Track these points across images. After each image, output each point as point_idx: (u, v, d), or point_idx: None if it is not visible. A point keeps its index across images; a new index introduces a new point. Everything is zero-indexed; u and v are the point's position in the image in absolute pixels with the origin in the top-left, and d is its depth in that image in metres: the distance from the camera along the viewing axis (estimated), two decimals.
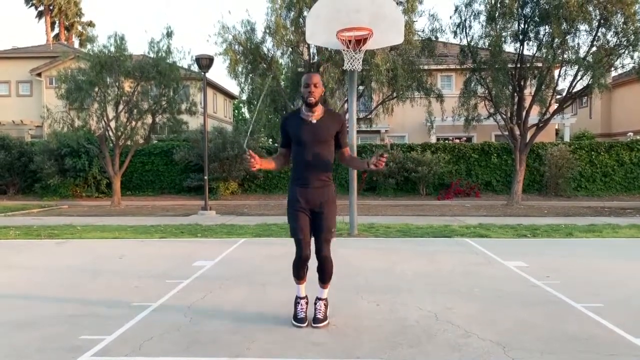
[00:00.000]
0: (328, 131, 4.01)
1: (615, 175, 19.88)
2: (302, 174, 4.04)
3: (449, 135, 23.96)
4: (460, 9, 16.01)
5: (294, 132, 4.04)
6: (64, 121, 16.36)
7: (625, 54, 15.05)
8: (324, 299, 4.27)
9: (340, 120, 4.10)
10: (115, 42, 16.08)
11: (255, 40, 15.88)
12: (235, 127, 21.53)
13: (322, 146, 4.00)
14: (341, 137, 4.11)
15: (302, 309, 4.24)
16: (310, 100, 3.96)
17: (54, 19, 44.29)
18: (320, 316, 4.17)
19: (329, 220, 4.06)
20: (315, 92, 3.96)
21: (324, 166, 4.02)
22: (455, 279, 5.87)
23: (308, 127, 4.00)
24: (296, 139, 4.02)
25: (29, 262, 7.07)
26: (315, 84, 3.96)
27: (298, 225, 4.02)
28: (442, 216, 13.27)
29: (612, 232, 9.67)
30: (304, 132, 3.99)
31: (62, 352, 3.63)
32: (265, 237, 9.27)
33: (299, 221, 4.02)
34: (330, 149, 4.07)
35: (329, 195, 4.08)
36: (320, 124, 4.02)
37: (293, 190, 4.10)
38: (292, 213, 4.08)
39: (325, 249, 4.06)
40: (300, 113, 4.09)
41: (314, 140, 3.97)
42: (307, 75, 4.01)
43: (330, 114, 4.11)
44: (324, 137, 3.99)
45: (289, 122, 4.11)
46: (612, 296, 5.03)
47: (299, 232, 4.01)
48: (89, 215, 13.76)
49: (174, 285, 5.57)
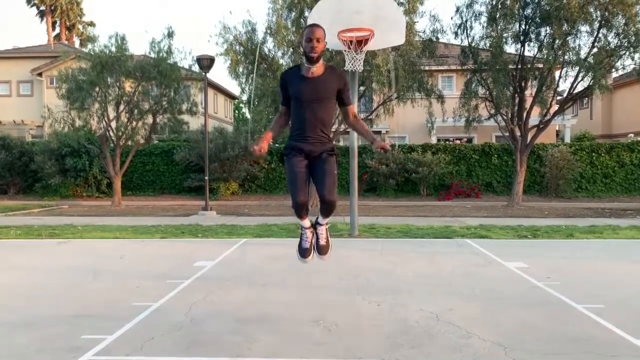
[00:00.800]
0: (329, 87, 3.79)
1: (615, 176, 19.87)
2: (301, 132, 3.83)
3: (449, 136, 23.95)
4: (461, 10, 16.02)
5: (293, 88, 3.80)
6: (64, 121, 16.37)
7: (626, 55, 15.07)
8: (325, 223, 4.10)
9: (342, 77, 3.88)
10: (116, 42, 16.09)
11: (256, 41, 15.88)
12: (236, 128, 21.53)
13: (322, 103, 3.79)
14: (344, 94, 3.89)
15: (306, 238, 4.12)
16: (312, 55, 3.71)
17: (56, 19, 44.29)
18: (323, 242, 4.10)
19: (331, 166, 3.84)
20: (318, 47, 3.71)
21: (324, 124, 3.84)
22: (456, 279, 5.87)
23: (308, 83, 3.77)
24: (295, 96, 3.80)
25: (30, 262, 7.07)
26: (318, 38, 3.71)
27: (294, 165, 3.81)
28: (442, 217, 13.27)
29: (613, 233, 9.67)
30: (304, 89, 3.77)
31: (63, 352, 3.64)
32: (265, 237, 9.27)
33: (294, 161, 3.81)
34: (331, 107, 3.89)
35: (330, 146, 3.88)
36: (321, 79, 3.78)
37: (290, 142, 3.89)
38: (288, 158, 3.86)
39: (332, 193, 3.81)
40: (300, 69, 3.85)
41: (313, 97, 3.75)
42: (310, 29, 3.77)
43: (331, 70, 3.88)
44: (324, 93, 3.78)
45: (288, 77, 3.87)
46: (612, 297, 5.03)
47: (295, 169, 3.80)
48: (89, 215, 13.77)
49: (175, 285, 5.58)
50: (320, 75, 3.79)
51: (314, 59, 3.73)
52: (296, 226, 3.93)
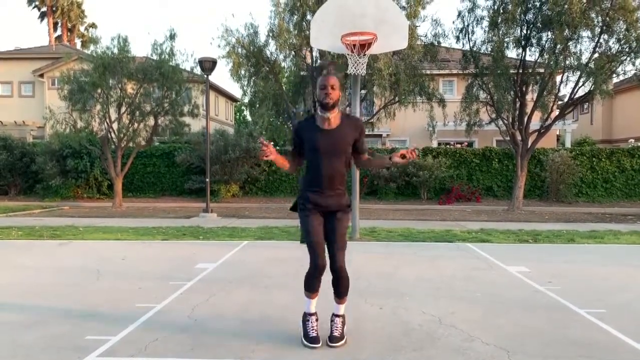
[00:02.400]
0: (346, 139, 3.69)
1: (616, 181, 19.91)
2: (316, 183, 3.72)
3: (450, 140, 24.00)
4: (463, 14, 16.08)
5: (309, 140, 3.70)
6: (66, 122, 16.40)
7: (627, 60, 15.10)
8: (341, 315, 3.91)
9: (359, 126, 3.77)
10: (118, 44, 16.14)
11: (258, 44, 15.93)
12: (237, 130, 21.56)
13: (339, 155, 3.68)
14: (360, 144, 3.79)
15: (312, 327, 3.84)
16: (327, 102, 3.62)
17: (57, 20, 44.40)
18: (337, 334, 3.81)
19: (343, 225, 3.76)
20: (333, 94, 3.62)
21: (340, 177, 3.74)
22: (458, 283, 5.89)
23: (324, 135, 3.68)
24: (311, 148, 3.69)
25: (32, 262, 7.09)
26: (333, 85, 3.63)
27: (311, 228, 3.70)
28: (443, 221, 13.29)
29: (614, 238, 9.68)
30: (321, 141, 3.66)
31: (67, 352, 3.65)
32: (267, 239, 9.29)
33: (313, 223, 3.71)
34: (347, 158, 3.77)
35: (343, 200, 3.79)
36: (338, 131, 3.68)
37: (305, 196, 3.79)
38: (305, 216, 3.76)
39: (341, 259, 3.73)
40: (315, 119, 3.76)
41: (331, 149, 3.65)
42: (324, 77, 3.68)
43: (348, 120, 3.77)
44: (342, 146, 3.68)
45: (303, 128, 3.77)
46: (614, 302, 5.04)
47: (313, 235, 3.68)
48: (90, 217, 13.78)
49: (177, 287, 5.59)
50: (337, 126, 3.70)
51: (328, 106, 3.63)
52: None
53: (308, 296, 3.87)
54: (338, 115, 3.72)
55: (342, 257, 3.73)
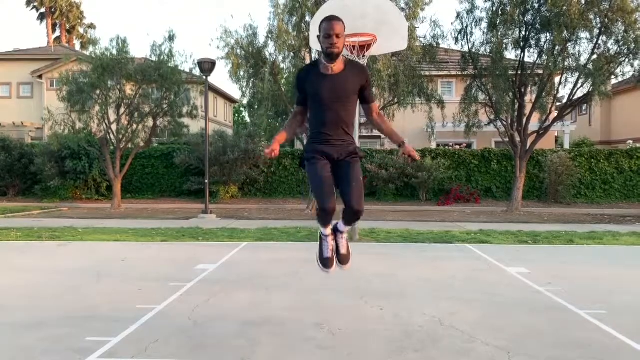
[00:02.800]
0: (351, 85, 3.47)
1: (614, 182, 19.92)
2: (322, 133, 3.54)
3: (449, 141, 24.00)
4: (462, 16, 16.09)
5: (311, 87, 3.49)
6: (65, 123, 16.39)
7: (626, 62, 15.16)
8: (345, 231, 3.86)
9: (364, 72, 3.57)
10: (117, 45, 16.14)
11: (257, 45, 15.94)
12: (236, 131, 21.58)
13: (345, 103, 3.49)
14: (367, 91, 3.57)
15: (328, 246, 3.81)
16: (332, 51, 3.39)
17: (56, 21, 44.35)
18: (344, 251, 3.87)
19: (357, 171, 3.57)
20: (338, 43, 3.39)
21: (347, 125, 3.55)
22: (458, 284, 5.89)
23: (328, 81, 3.45)
24: (314, 95, 3.49)
25: (32, 263, 7.08)
26: (338, 33, 3.38)
27: (318, 171, 3.51)
28: (442, 222, 13.29)
29: (613, 239, 9.69)
30: (324, 87, 3.45)
31: (68, 353, 3.65)
32: (266, 241, 9.28)
33: (320, 167, 3.52)
34: (354, 107, 3.57)
35: (353, 149, 3.60)
36: (342, 76, 3.46)
37: (311, 145, 3.60)
38: (311, 164, 3.56)
39: (359, 202, 3.50)
40: (318, 66, 3.53)
41: (335, 95, 3.44)
42: (329, 23, 3.41)
43: (352, 65, 3.55)
44: (347, 92, 3.46)
45: (305, 75, 3.55)
46: (614, 303, 5.05)
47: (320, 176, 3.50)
48: (89, 218, 13.76)
49: (178, 288, 5.58)
50: (341, 71, 3.48)
51: (333, 55, 3.41)
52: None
53: (322, 226, 3.75)
54: (342, 60, 3.51)
55: (359, 201, 3.50)
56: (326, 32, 3.40)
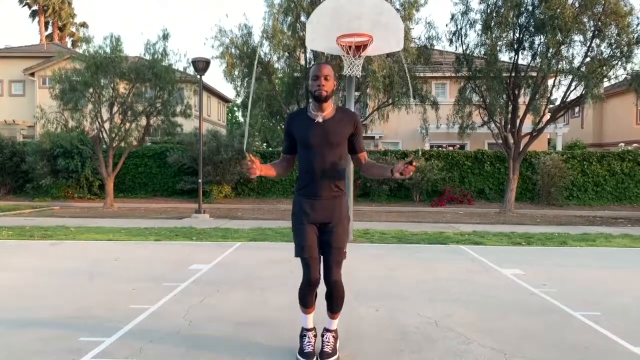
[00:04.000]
0: (340, 132, 3.41)
1: (606, 185, 20.05)
2: (309, 183, 3.44)
3: (442, 143, 24.07)
4: (456, 17, 16.13)
5: (300, 133, 3.43)
6: (57, 121, 16.27)
7: (619, 65, 15.22)
8: (334, 330, 3.66)
9: (354, 120, 3.48)
10: (111, 43, 16.04)
11: (252, 44, 15.89)
12: (230, 131, 21.52)
13: (334, 150, 3.39)
14: (356, 140, 3.50)
15: (309, 342, 3.60)
16: (320, 94, 3.35)
17: (48, 19, 44.08)
18: (329, 349, 3.56)
19: (340, 237, 3.46)
20: (326, 85, 3.35)
21: (336, 174, 3.43)
22: (453, 285, 5.88)
23: (317, 127, 3.40)
24: (303, 142, 3.42)
25: (24, 263, 7.00)
26: (326, 75, 3.35)
27: (305, 243, 3.40)
28: (436, 223, 13.30)
29: (606, 241, 9.74)
30: (312, 134, 3.39)
31: (61, 354, 3.60)
32: (260, 241, 9.24)
33: (306, 238, 3.41)
34: (343, 154, 3.47)
35: (340, 208, 3.48)
36: (331, 123, 3.41)
37: (299, 202, 3.50)
38: (297, 228, 3.47)
39: (336, 273, 3.45)
40: (307, 111, 3.49)
41: (323, 143, 3.37)
42: (317, 66, 3.39)
43: (342, 112, 3.50)
44: (335, 139, 3.39)
45: (294, 122, 3.49)
46: (609, 305, 5.06)
47: (307, 250, 3.39)
48: (81, 217, 13.67)
49: (171, 288, 5.54)
50: (330, 118, 3.43)
51: (322, 98, 3.36)
52: None
53: (304, 311, 3.63)
54: (332, 107, 3.46)
55: (337, 271, 3.47)
56: (314, 74, 3.38)
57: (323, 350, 3.56)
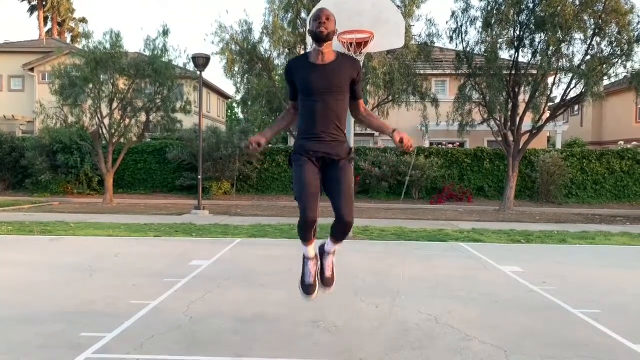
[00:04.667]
0: (343, 75, 3.31)
1: (605, 183, 20.07)
2: (312, 128, 3.32)
3: (442, 140, 24.05)
4: (456, 15, 16.12)
5: (301, 77, 3.33)
6: (56, 117, 16.26)
7: (619, 63, 15.23)
8: (332, 252, 3.59)
9: (356, 65, 3.39)
10: (110, 39, 16.00)
11: (252, 40, 15.88)
12: (230, 128, 21.50)
13: (336, 94, 3.30)
14: (357, 85, 3.40)
15: (310, 272, 3.51)
16: (321, 30, 3.25)
17: (47, 14, 43.95)
18: (329, 273, 3.56)
19: (348, 176, 3.33)
20: (327, 24, 3.28)
21: (338, 119, 3.33)
22: (453, 282, 5.90)
23: (318, 70, 3.30)
24: (304, 86, 3.31)
25: (24, 258, 7.00)
26: (327, 16, 3.29)
27: (304, 177, 3.27)
28: (435, 220, 13.31)
29: (605, 239, 9.75)
30: (313, 77, 3.29)
31: (62, 349, 3.61)
32: (260, 237, 9.25)
33: (306, 172, 3.29)
34: (345, 99, 3.37)
35: (344, 148, 3.37)
36: (333, 66, 3.32)
37: (300, 143, 3.38)
38: (298, 165, 3.34)
39: (348, 213, 3.27)
40: (308, 56, 3.40)
41: (325, 86, 3.27)
42: (317, 9, 3.39)
43: (344, 57, 3.43)
44: (338, 82, 3.29)
45: (294, 66, 3.39)
46: (608, 302, 5.07)
47: (306, 185, 3.26)
48: (80, 212, 13.66)
49: (172, 284, 5.55)
50: (332, 61, 3.34)
51: (322, 35, 3.26)
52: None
53: (303, 243, 3.47)
54: (333, 51, 3.38)
55: (349, 211, 3.28)
56: (315, 15, 3.32)
57: (324, 275, 3.58)
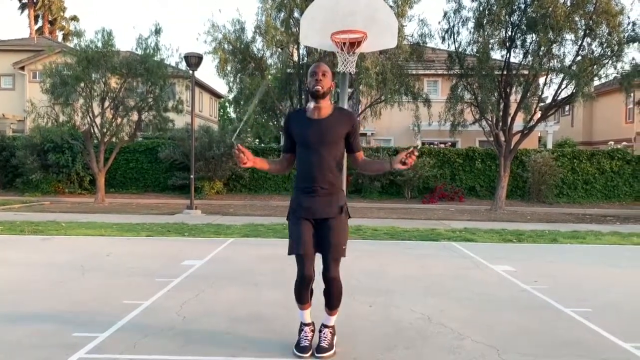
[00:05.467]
0: (337, 131, 3.48)
1: (596, 183, 20.21)
2: (306, 180, 3.49)
3: (434, 140, 24.13)
4: (449, 15, 16.16)
5: (298, 131, 3.52)
6: (48, 116, 16.14)
7: (609, 64, 15.33)
8: (331, 326, 3.70)
9: (351, 119, 3.55)
10: (102, 38, 15.91)
11: (245, 40, 15.85)
12: (222, 127, 21.45)
13: (330, 148, 3.46)
14: (353, 139, 3.57)
15: (306, 336, 3.64)
16: (317, 89, 3.42)
17: (38, 12, 43.65)
18: (325, 344, 3.59)
19: (338, 234, 3.50)
20: (324, 82, 3.44)
21: (333, 171, 3.49)
22: (446, 282, 5.92)
23: (314, 125, 3.47)
24: (301, 140, 3.50)
25: (15, 257, 6.96)
26: (324, 72, 3.46)
27: (300, 239, 3.46)
28: (427, 220, 13.36)
29: (595, 238, 9.83)
30: (310, 132, 3.46)
31: (55, 349, 3.59)
32: (253, 237, 9.25)
33: (302, 233, 3.47)
34: (340, 152, 3.54)
35: (338, 203, 3.53)
36: (329, 122, 3.48)
37: (296, 197, 3.57)
38: (293, 223, 3.55)
39: (334, 270, 3.50)
40: (305, 111, 3.58)
41: (320, 140, 3.44)
42: (315, 64, 3.51)
43: (340, 112, 3.57)
44: (332, 137, 3.46)
45: (292, 120, 3.57)
46: (599, 301, 5.12)
47: (301, 247, 3.44)
48: (72, 212, 13.59)
49: (165, 284, 5.54)
50: (328, 116, 3.50)
51: (319, 93, 3.44)
52: None
53: (300, 307, 3.68)
54: (330, 106, 3.54)
55: (336, 269, 3.51)
56: (312, 71, 3.47)
57: (320, 345, 3.61)
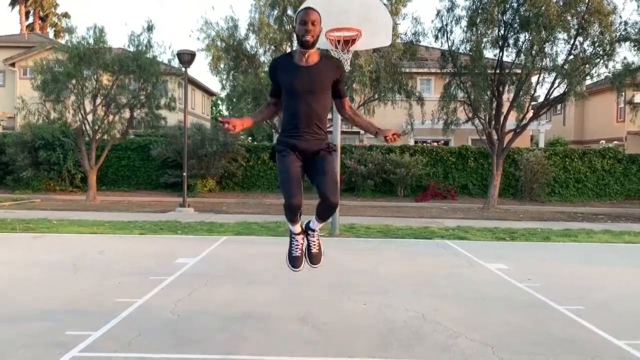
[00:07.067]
0: (326, 77, 3.41)
1: (587, 181, 20.33)
2: (294, 127, 3.43)
3: (427, 138, 24.17)
4: (442, 14, 16.15)
5: (285, 78, 3.41)
6: (39, 113, 16.00)
7: (601, 63, 15.41)
8: (317, 229, 3.71)
9: (339, 66, 3.50)
10: (94, 34, 15.79)
11: (238, 37, 15.80)
12: (215, 125, 21.37)
13: (319, 95, 3.40)
14: (340, 85, 3.50)
15: (297, 245, 3.66)
16: (307, 39, 3.32)
17: (29, 8, 43.28)
18: (315, 250, 3.68)
19: (331, 164, 3.48)
20: (314, 30, 3.34)
21: (320, 119, 3.44)
22: (439, 280, 5.93)
23: (302, 72, 3.38)
24: (288, 87, 3.40)
25: (7, 255, 6.90)
26: (314, 21, 3.33)
27: (288, 165, 3.40)
28: (420, 218, 13.38)
29: (587, 237, 9.88)
30: (297, 78, 3.37)
31: (48, 347, 3.57)
32: (246, 235, 9.22)
33: (289, 161, 3.41)
34: (328, 99, 3.48)
35: (324, 145, 3.50)
36: (317, 68, 3.40)
37: (283, 139, 3.49)
38: (281, 156, 3.46)
39: (334, 196, 3.36)
40: (292, 56, 3.47)
41: (308, 87, 3.36)
42: (304, 11, 3.39)
43: (327, 59, 3.54)
44: (320, 84, 3.39)
45: (279, 66, 3.47)
46: (592, 299, 5.15)
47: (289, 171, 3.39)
48: (64, 210, 13.49)
49: (158, 282, 5.51)
50: (315, 63, 3.42)
51: (308, 44, 3.34)
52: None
53: (290, 223, 3.61)
54: (317, 52, 3.45)
55: (335, 193, 3.39)
56: (302, 19, 3.35)
57: (311, 251, 3.69)
